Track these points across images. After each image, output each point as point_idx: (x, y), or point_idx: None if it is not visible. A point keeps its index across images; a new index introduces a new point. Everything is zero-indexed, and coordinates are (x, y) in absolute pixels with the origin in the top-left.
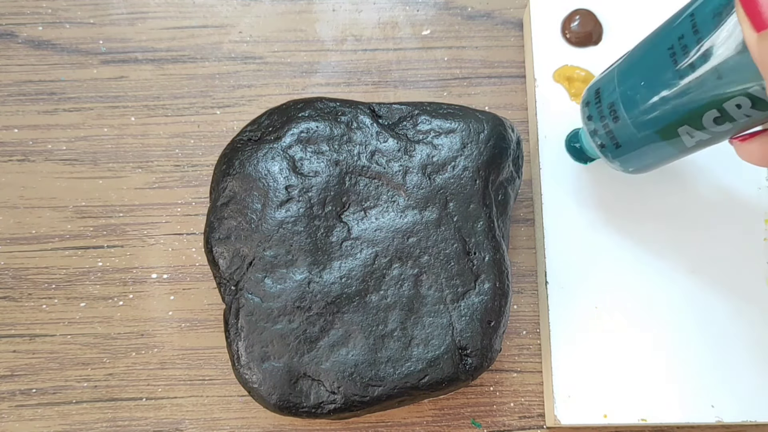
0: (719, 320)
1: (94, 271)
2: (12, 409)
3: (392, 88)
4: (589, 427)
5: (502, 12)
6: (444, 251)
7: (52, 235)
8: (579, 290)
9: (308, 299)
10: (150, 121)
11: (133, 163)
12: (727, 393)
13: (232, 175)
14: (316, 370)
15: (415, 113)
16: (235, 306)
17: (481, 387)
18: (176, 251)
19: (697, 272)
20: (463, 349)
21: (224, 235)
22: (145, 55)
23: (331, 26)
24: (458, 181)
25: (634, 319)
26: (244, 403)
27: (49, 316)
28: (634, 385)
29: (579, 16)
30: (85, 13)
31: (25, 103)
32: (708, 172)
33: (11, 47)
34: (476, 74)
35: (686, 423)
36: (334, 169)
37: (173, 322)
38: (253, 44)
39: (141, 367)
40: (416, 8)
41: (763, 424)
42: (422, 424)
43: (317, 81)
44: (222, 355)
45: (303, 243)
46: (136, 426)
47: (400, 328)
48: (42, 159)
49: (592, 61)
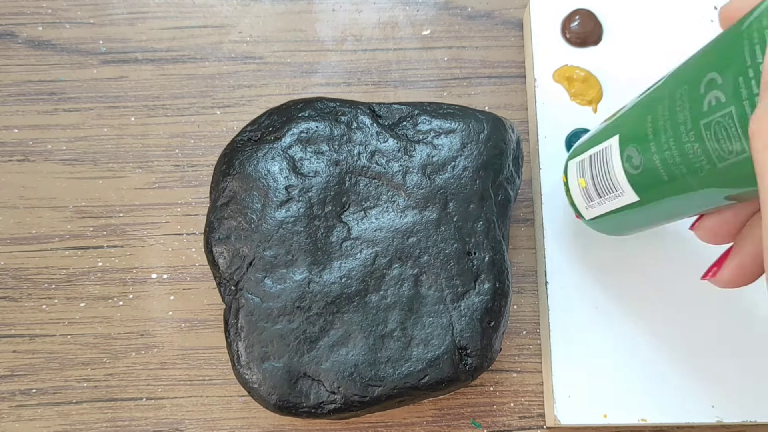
0: (719, 320)
1: (94, 271)
2: (12, 409)
3: (392, 88)
4: (589, 427)
5: (502, 12)
6: (444, 251)
7: (52, 235)
8: (579, 290)
9: (308, 299)
10: (150, 121)
11: (133, 163)
12: (727, 393)
13: (232, 175)
14: (316, 370)
15: (415, 113)
16: (235, 306)
17: (481, 387)
18: (176, 251)
19: (697, 272)
20: (463, 349)
21: (224, 235)
22: (145, 55)
23: (331, 26)
24: (458, 181)
25: (634, 319)
26: (244, 403)
27: (49, 316)
28: (634, 385)
29: (579, 16)
30: (85, 13)
31: (25, 103)
32: None
33: (11, 47)
34: (476, 74)
35: (686, 423)
36: (334, 169)
37: (173, 322)
38: (253, 44)
39: (141, 367)
40: (416, 8)
41: (763, 424)
42: (422, 424)
43: (317, 81)
44: (222, 355)
45: (303, 243)
46: (136, 426)
47: (400, 328)
48: (42, 159)
49: (592, 61)
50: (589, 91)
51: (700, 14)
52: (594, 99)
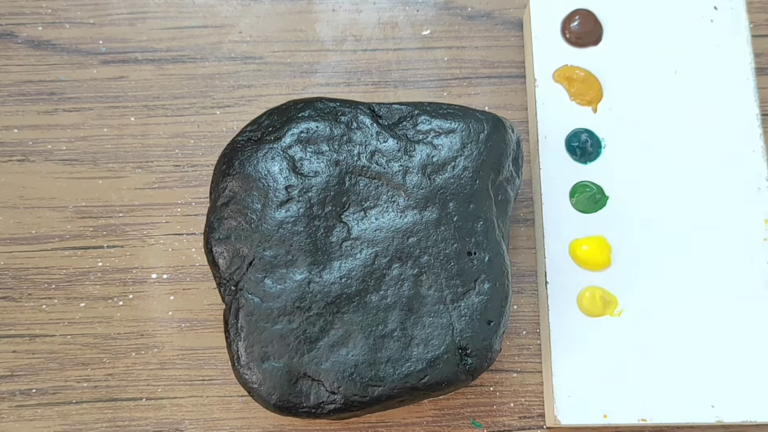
0: (719, 320)
1: (94, 271)
2: (12, 409)
3: (392, 88)
4: (589, 427)
5: (502, 12)
6: (444, 251)
7: (52, 235)
8: (579, 290)
9: (308, 299)
10: (150, 121)
11: (133, 163)
12: (727, 393)
13: (232, 175)
14: (316, 370)
15: (415, 113)
16: (234, 306)
17: (481, 387)
18: (176, 251)
19: (696, 272)
20: (463, 349)
21: (224, 235)
22: (145, 55)
23: (331, 26)
24: (458, 181)
25: (634, 319)
26: (244, 403)
27: (49, 316)
28: (634, 385)
29: (579, 16)
30: (85, 13)
31: (25, 103)
32: (707, 172)
33: (11, 47)
34: (476, 74)
35: (686, 423)
36: (334, 169)
37: (173, 322)
38: (253, 44)
39: (141, 367)
40: (416, 8)
41: (763, 424)
42: (422, 424)
43: (317, 81)
44: (222, 355)
45: (303, 243)
46: (136, 426)
47: (400, 328)
48: (42, 159)
49: (592, 61)
50: (589, 91)
51: (700, 14)
52: (594, 99)
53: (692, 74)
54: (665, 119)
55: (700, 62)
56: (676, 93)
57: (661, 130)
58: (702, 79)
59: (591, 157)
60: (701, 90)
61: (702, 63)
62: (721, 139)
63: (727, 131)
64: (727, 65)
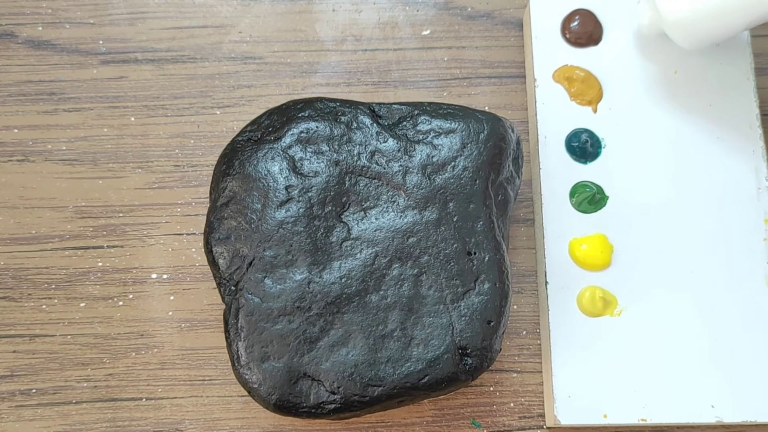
0: (719, 320)
1: (94, 271)
2: (12, 410)
3: (392, 88)
4: (589, 427)
5: (502, 12)
6: (444, 251)
7: (52, 235)
8: (579, 290)
9: (308, 299)
10: (150, 121)
11: (133, 163)
12: (727, 393)
13: (232, 175)
14: (316, 370)
15: (415, 113)
16: (235, 306)
17: (481, 387)
18: (176, 251)
19: (696, 272)
20: (463, 349)
21: (224, 235)
22: (145, 55)
23: (331, 26)
24: (458, 181)
25: (634, 319)
26: (244, 403)
27: (49, 316)
28: (634, 385)
29: (579, 16)
30: (85, 13)
31: (25, 103)
32: (708, 172)
33: (11, 47)
34: (476, 74)
35: (686, 423)
36: (334, 169)
37: (173, 322)
38: (253, 44)
39: (141, 367)
40: (416, 8)
41: (763, 424)
42: (422, 424)
43: (317, 81)
44: (222, 355)
45: (303, 243)
46: (136, 426)
47: (400, 328)
48: (42, 159)
49: (592, 61)
50: (589, 91)
51: None
52: (594, 99)
53: (692, 74)
54: (665, 119)
55: (700, 62)
56: (676, 93)
57: (661, 130)
58: (702, 79)
59: (591, 157)
60: (701, 90)
61: (702, 63)
62: (721, 139)
63: (727, 131)
64: (727, 65)
